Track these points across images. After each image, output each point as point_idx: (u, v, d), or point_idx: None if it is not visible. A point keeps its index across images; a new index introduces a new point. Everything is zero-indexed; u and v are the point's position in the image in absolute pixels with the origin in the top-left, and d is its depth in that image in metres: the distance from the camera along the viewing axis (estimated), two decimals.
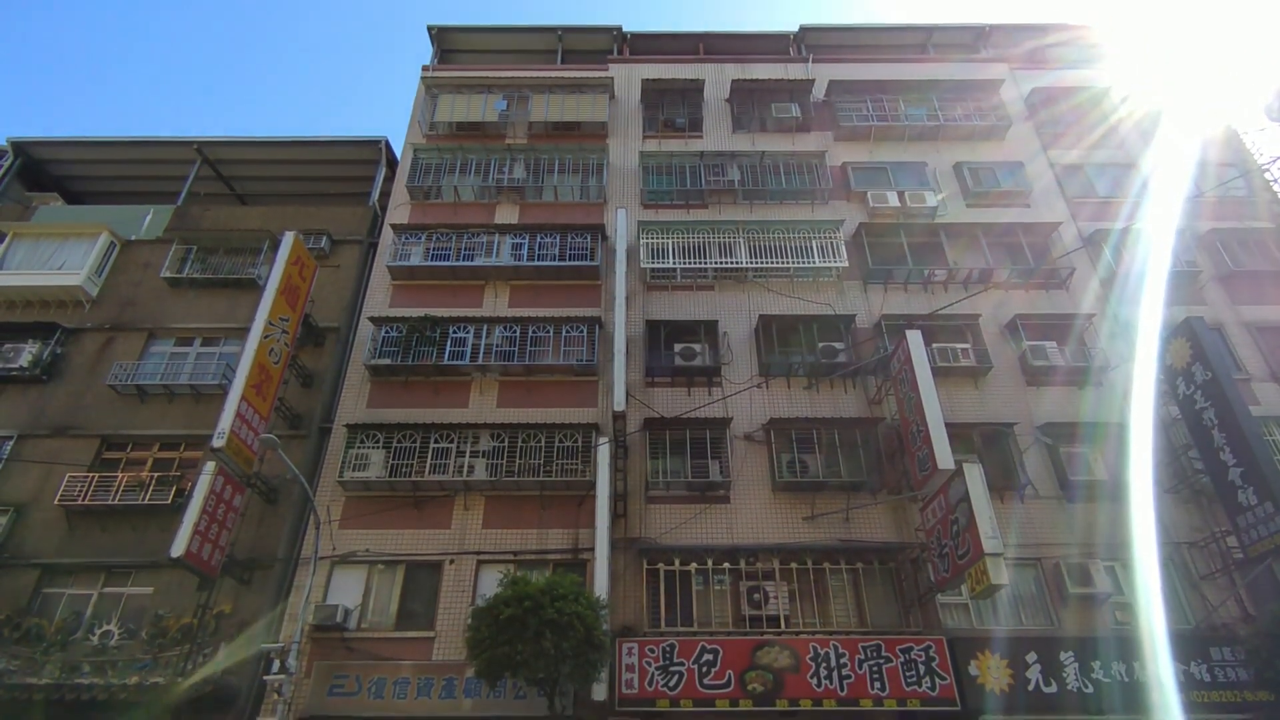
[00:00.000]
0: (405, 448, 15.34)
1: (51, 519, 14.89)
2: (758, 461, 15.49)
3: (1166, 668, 12.70)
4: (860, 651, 12.91)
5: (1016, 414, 16.08)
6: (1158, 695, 12.50)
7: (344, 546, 14.50)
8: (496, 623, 10.80)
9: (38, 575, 14.41)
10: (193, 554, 12.73)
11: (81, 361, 17.03)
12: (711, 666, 12.76)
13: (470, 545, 14.63)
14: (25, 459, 15.57)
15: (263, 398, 14.47)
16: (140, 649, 13.52)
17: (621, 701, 12.47)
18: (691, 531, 14.65)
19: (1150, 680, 12.66)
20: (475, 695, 12.78)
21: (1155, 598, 13.62)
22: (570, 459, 15.19)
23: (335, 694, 12.99)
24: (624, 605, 13.76)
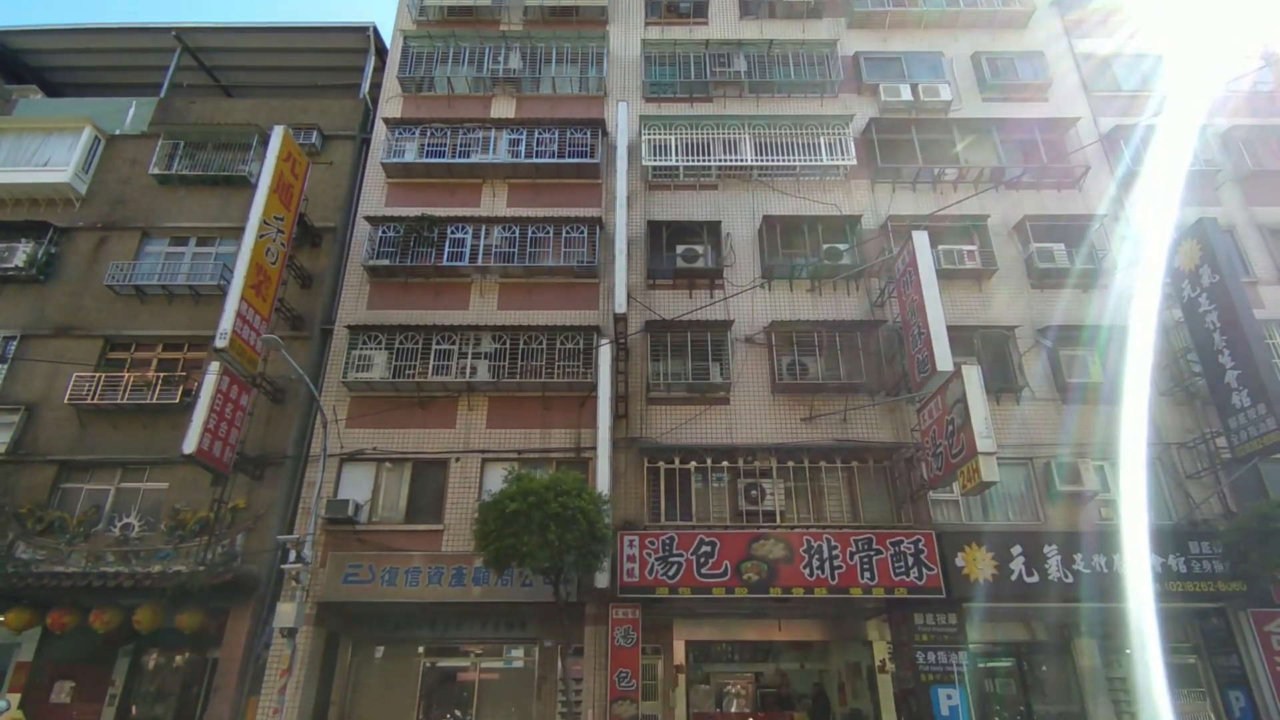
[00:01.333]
0: (407, 349, 15.42)
1: (62, 418, 15.17)
2: (758, 364, 15.59)
3: (1144, 559, 13.25)
4: (852, 544, 13.45)
5: (1018, 317, 16.04)
6: (1133, 584, 13.10)
7: (351, 445, 14.84)
8: (503, 516, 11.19)
9: (55, 471, 14.84)
10: (204, 451, 13.05)
11: (77, 261, 16.86)
12: (709, 558, 13.33)
13: (475, 444, 14.96)
14: (31, 358, 15.70)
15: (262, 298, 14.41)
16: (161, 540, 14.10)
17: (623, 589, 13.11)
18: (691, 431, 14.94)
19: (1126, 571, 13.24)
20: (484, 583, 13.43)
21: (1140, 494, 14.06)
22: (572, 361, 15.29)
23: (350, 582, 13.66)
24: (625, 501, 14.22)
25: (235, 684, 13.19)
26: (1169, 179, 16.92)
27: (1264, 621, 13.42)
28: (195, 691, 15.65)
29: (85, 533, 14.20)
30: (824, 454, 14.72)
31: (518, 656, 16.92)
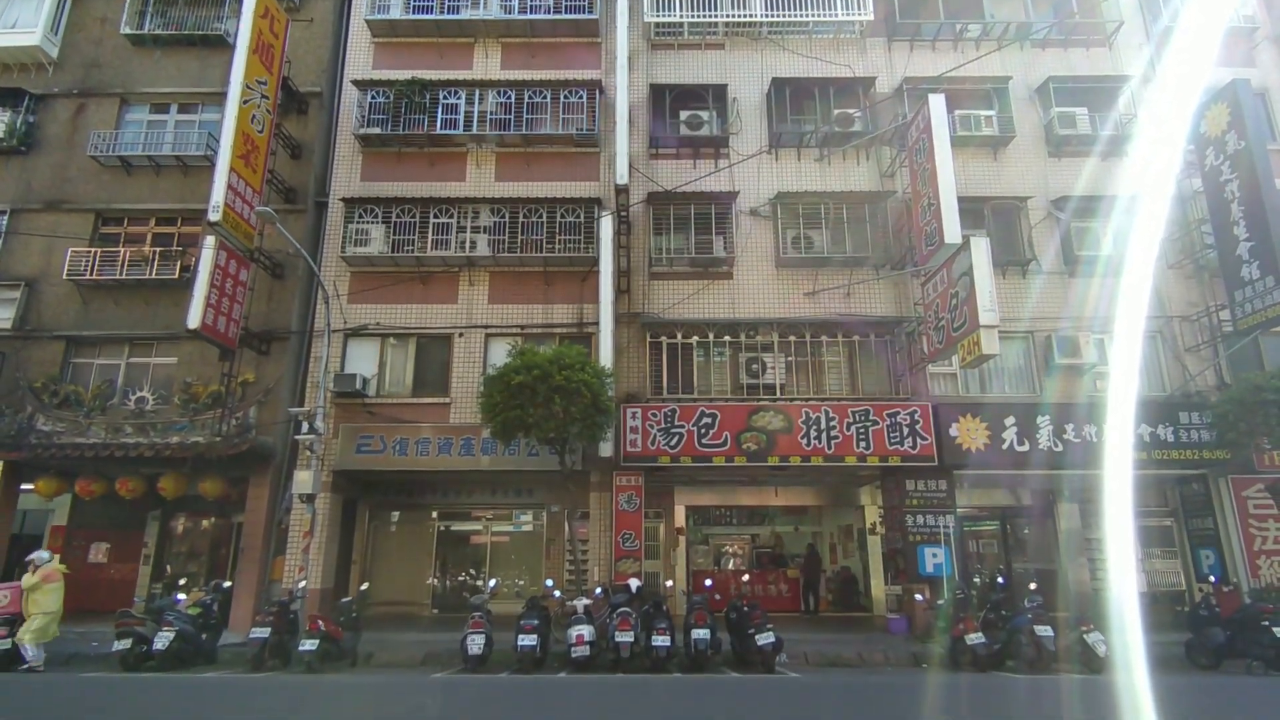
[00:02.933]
0: (405, 222, 15.11)
1: (64, 294, 15.12)
2: (762, 237, 15.31)
3: (1129, 426, 13.57)
4: (849, 416, 13.76)
5: (1032, 187, 15.55)
6: (1115, 451, 13.49)
7: (355, 320, 14.87)
8: (508, 389, 11.39)
9: (63, 346, 14.98)
10: (208, 326, 13.11)
11: (57, 131, 16.19)
12: (710, 428, 13.69)
13: (478, 319, 14.99)
14: (24, 232, 15.44)
15: (252, 169, 13.95)
16: (176, 413, 14.45)
17: (626, 458, 13.57)
18: (694, 306, 14.91)
19: (1112, 439, 13.59)
20: (491, 453, 13.88)
21: (1134, 363, 14.25)
22: (573, 235, 15.00)
23: (362, 452, 14.13)
24: (628, 375, 14.42)
25: (261, 545, 13.96)
26: (1203, 35, 15.83)
27: (1243, 487, 13.96)
28: (224, 552, 16.67)
29: (101, 406, 14.54)
30: (825, 328, 14.76)
31: (526, 521, 17.86)
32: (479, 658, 10.10)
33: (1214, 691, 8.85)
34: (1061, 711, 7.63)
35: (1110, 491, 13.57)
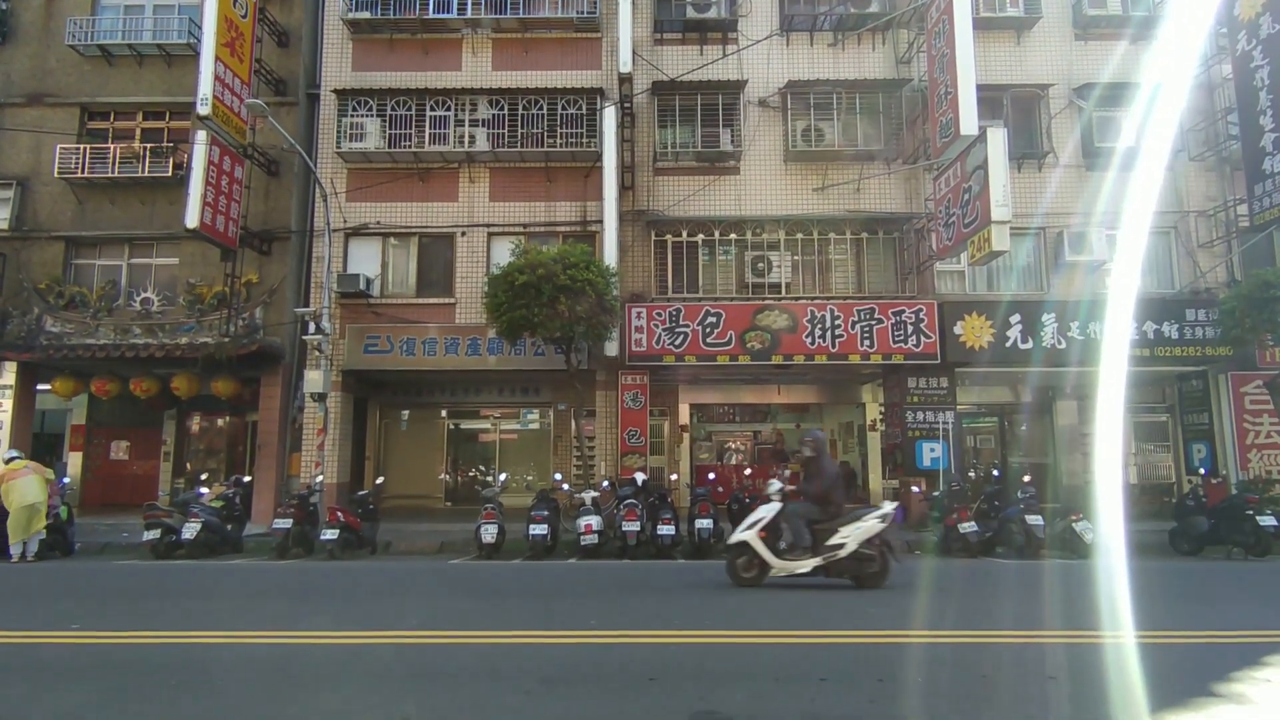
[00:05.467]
0: (401, 115, 14.58)
1: (57, 193, 14.83)
2: (771, 129, 14.79)
3: (1130, 324, 13.57)
4: (854, 314, 13.76)
5: (1055, 74, 14.84)
6: (1116, 348, 13.54)
7: (355, 219, 14.64)
8: (512, 289, 11.36)
9: (63, 247, 14.85)
10: (207, 225, 12.94)
11: (31, 18, 15.37)
12: (714, 328, 13.73)
13: (479, 218, 14.74)
14: (8, 128, 14.96)
15: (238, 58, 13.35)
16: (182, 314, 14.50)
17: (631, 357, 13.69)
18: (699, 203, 14.60)
19: (1114, 336, 13.61)
20: (498, 353, 14.00)
21: (1139, 259, 14.10)
22: (575, 128, 14.49)
23: (370, 352, 14.26)
24: (633, 274, 14.32)
25: (277, 443, 14.34)
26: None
27: (1242, 383, 14.12)
28: (241, 449, 17.17)
29: (108, 307, 14.57)
30: (834, 225, 14.52)
31: (533, 419, 18.25)
32: (492, 545, 10.59)
33: (1190, 574, 9.29)
34: (1042, 589, 8.05)
35: (1108, 387, 13.74)
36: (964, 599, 7.38)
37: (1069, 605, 6.84)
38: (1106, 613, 6.27)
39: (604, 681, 4.41)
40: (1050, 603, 7.23)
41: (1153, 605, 6.43)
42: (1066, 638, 5.40)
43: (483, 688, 4.27)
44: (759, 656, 4.98)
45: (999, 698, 4.15)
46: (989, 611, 6.61)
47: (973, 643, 5.30)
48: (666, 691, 4.15)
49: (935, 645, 5.17)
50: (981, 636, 5.47)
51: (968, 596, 7.53)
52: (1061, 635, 5.50)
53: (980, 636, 5.48)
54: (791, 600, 6.97)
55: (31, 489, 10.08)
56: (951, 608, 6.81)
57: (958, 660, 4.82)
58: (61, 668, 4.81)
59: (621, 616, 6.22)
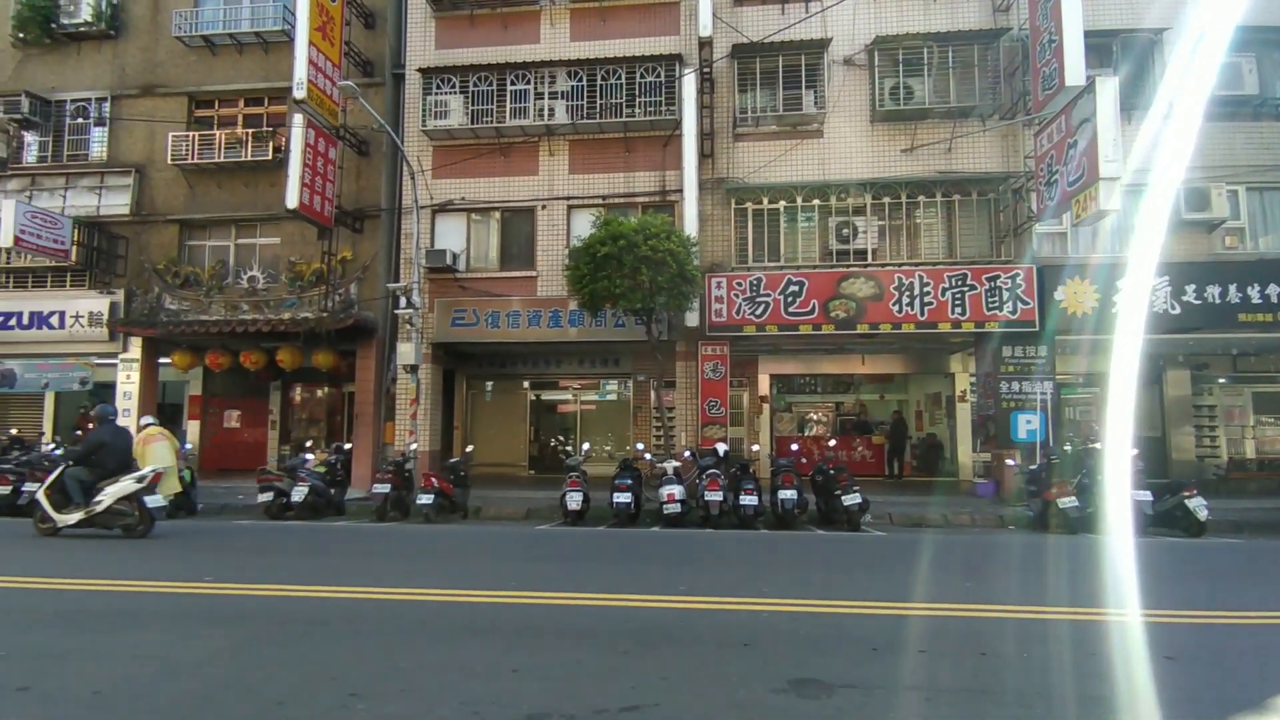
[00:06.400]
0: (482, 91, 14.80)
1: (170, 179, 15.85)
2: (856, 89, 14.23)
3: (1246, 287, 12.51)
4: (945, 280, 13.22)
5: (1172, 15, 13.63)
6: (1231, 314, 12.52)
7: (440, 196, 15.03)
8: (594, 260, 11.46)
9: (177, 230, 15.91)
10: (305, 205, 13.57)
11: (140, 12, 16.35)
12: (796, 296, 13.48)
13: (559, 191, 14.88)
14: (125, 119, 16.05)
15: (330, 42, 13.84)
16: (285, 290, 15.33)
17: (711, 328, 13.62)
18: (781, 169, 14.26)
19: (1230, 299, 12.59)
20: (579, 324, 14.19)
21: (1262, 219, 12.95)
22: (653, 96, 14.36)
23: (457, 325, 14.71)
24: (713, 243, 14.18)
25: (372, 412, 15.07)
26: None
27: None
28: (339, 418, 18.15)
29: (219, 285, 15.56)
30: (923, 188, 13.93)
31: (613, 390, 18.50)
32: (577, 513, 10.86)
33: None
34: (1152, 567, 7.62)
35: (1223, 355, 12.77)
36: (1070, 576, 7.08)
37: (1180, 584, 6.47)
38: (1220, 591, 5.91)
39: (698, 645, 4.47)
40: (1160, 580, 6.85)
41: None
42: (1179, 617, 5.12)
43: (582, 647, 4.41)
44: (853, 626, 4.94)
45: (1113, 676, 3.99)
46: (1096, 589, 6.33)
47: (1084, 620, 5.09)
48: (762, 657, 4.18)
49: (1038, 621, 5.00)
50: (1089, 614, 5.25)
51: (1075, 573, 7.22)
52: (1174, 615, 5.22)
53: (1088, 614, 5.25)
54: (894, 573, 6.87)
55: (163, 453, 10.98)
56: (1055, 584, 6.56)
57: (1069, 637, 4.65)
58: (200, 616, 5.25)
59: (710, 583, 6.29)
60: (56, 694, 3.64)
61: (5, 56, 16.52)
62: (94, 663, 4.14)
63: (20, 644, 4.53)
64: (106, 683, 3.80)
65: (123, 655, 4.30)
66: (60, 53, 16.44)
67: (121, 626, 4.94)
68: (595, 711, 3.33)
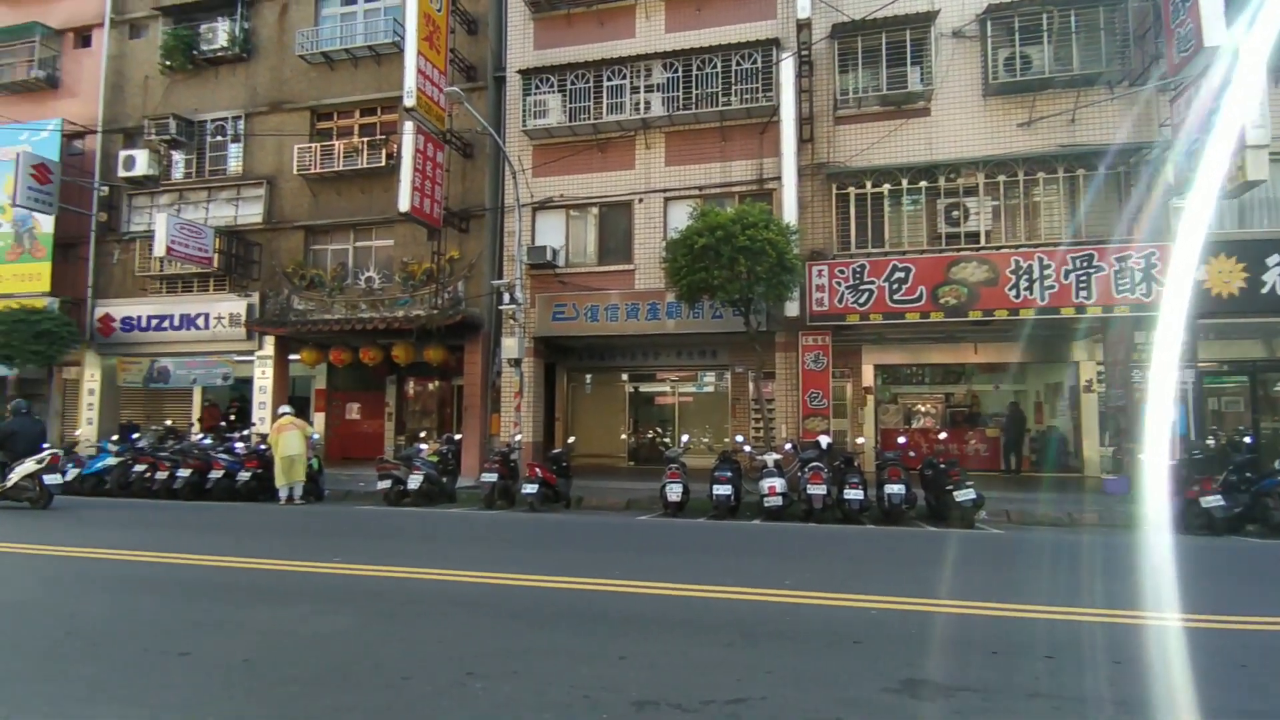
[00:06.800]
0: (579, 89, 15.05)
1: (296, 188, 17.06)
2: (967, 62, 13.49)
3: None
4: (1068, 262, 12.34)
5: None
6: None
7: (540, 193, 15.42)
8: (691, 252, 11.44)
9: (303, 235, 17.12)
10: (416, 208, 14.26)
11: (268, 34, 17.65)
12: (903, 283, 12.95)
13: (656, 184, 14.93)
14: (257, 134, 17.40)
15: (436, 50, 14.45)
16: (398, 290, 16.19)
17: (813, 317, 13.31)
18: (885, 151, 13.72)
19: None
20: (677, 316, 14.21)
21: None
22: (750, 83, 14.15)
23: (558, 319, 15.07)
24: (813, 230, 13.84)
25: (479, 404, 15.70)
26: None
27: None
28: (448, 410, 19.03)
29: (339, 286, 16.63)
30: (1043, 163, 13.03)
31: (710, 381, 18.43)
32: (677, 504, 10.90)
33: None
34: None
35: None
36: (1215, 579, 6.49)
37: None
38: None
39: (805, 640, 4.41)
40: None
41: None
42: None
43: (686, 638, 4.44)
44: (970, 627, 4.72)
45: (1273, 689, 3.62)
46: (1254, 596, 5.76)
47: (1235, 628, 4.65)
48: (872, 655, 4.07)
49: (1180, 630, 4.60)
50: (1238, 623, 4.79)
51: (1221, 577, 6.61)
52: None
53: (1237, 622, 4.79)
54: (1013, 573, 6.52)
55: (294, 442, 11.98)
56: (1204, 588, 6.02)
57: (1216, 647, 4.26)
58: (331, 594, 5.65)
59: (815, 578, 6.17)
60: (213, 660, 4.02)
61: (156, 84, 18.25)
62: (243, 633, 4.55)
63: (182, 614, 5.03)
64: (254, 651, 4.16)
65: (266, 627, 4.70)
66: (201, 77, 18.00)
67: (265, 601, 5.40)
68: (702, 702, 3.34)
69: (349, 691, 3.55)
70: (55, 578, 6.23)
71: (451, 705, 3.38)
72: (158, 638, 4.45)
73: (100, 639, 4.47)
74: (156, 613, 5.12)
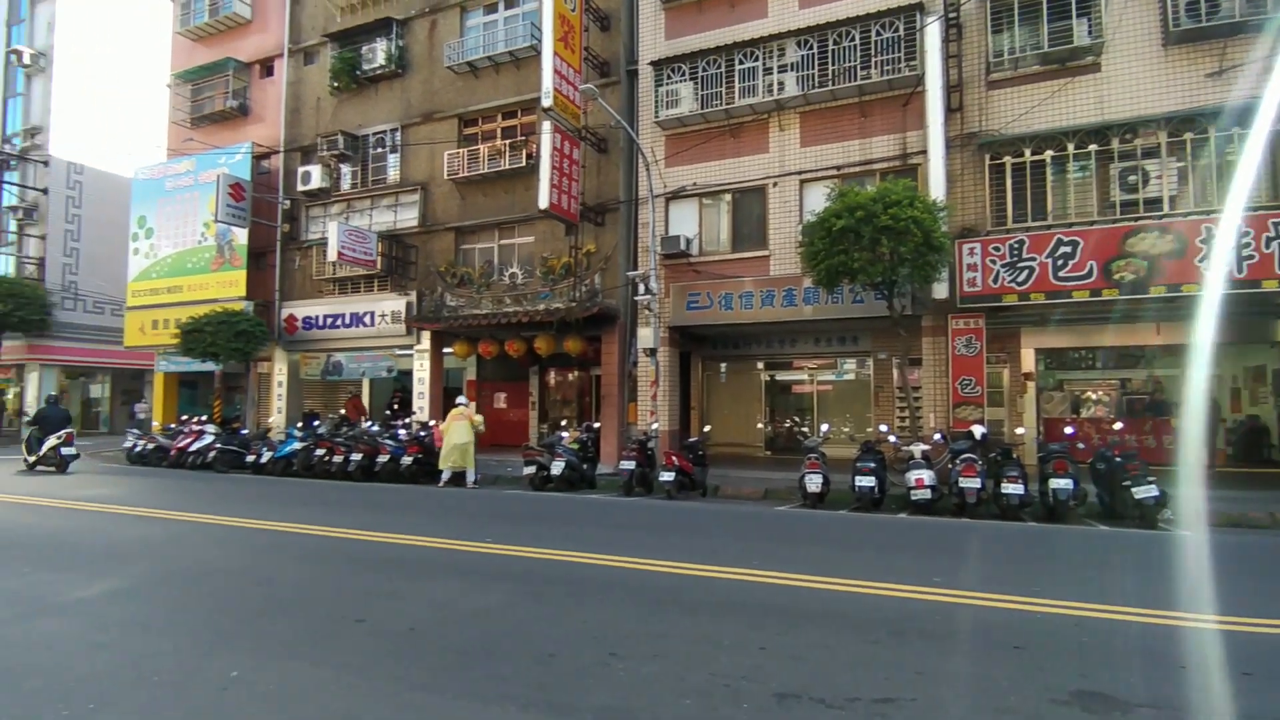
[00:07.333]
0: (711, 75, 14.93)
1: (446, 192, 18.21)
2: (1143, 9, 12.02)
3: None
4: (1270, 229, 10.72)
5: None
6: None
7: (673, 183, 15.47)
8: (829, 234, 11.03)
9: (453, 236, 18.25)
10: (555, 205, 14.78)
11: (419, 50, 18.91)
12: (1069, 259, 11.79)
13: (790, 166, 14.55)
14: (411, 143, 18.74)
15: (571, 50, 14.86)
16: (539, 284, 16.88)
17: (964, 299, 12.45)
18: (1046, 114, 12.55)
19: None
20: (814, 302, 13.79)
21: None
22: (891, 53, 13.41)
23: (692, 308, 15.09)
24: (964, 205, 12.94)
25: (616, 394, 16.06)
26: None
27: None
28: (587, 400, 19.62)
29: (486, 282, 17.59)
30: (1239, 116, 11.38)
31: (850, 369, 17.76)
32: (817, 495, 10.61)
33: None
34: None
35: None
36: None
37: None
38: None
39: (959, 642, 4.16)
40: None
41: None
42: None
43: (829, 632, 4.32)
44: (1153, 638, 4.25)
45: None
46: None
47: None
48: (1037, 662, 3.77)
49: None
50: None
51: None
52: None
53: None
54: (1205, 580, 5.81)
55: (461, 432, 13.08)
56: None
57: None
58: (482, 571, 6.02)
59: (970, 577, 5.80)
60: (383, 627, 4.40)
61: (326, 104, 20.11)
62: (407, 604, 4.95)
63: (357, 584, 5.55)
64: (418, 621, 4.52)
65: (427, 600, 5.08)
66: (363, 95, 19.62)
67: (426, 575, 5.84)
68: (848, 699, 3.25)
69: (500, 663, 3.77)
70: (255, 548, 7.08)
71: (595, 684, 3.50)
72: (337, 605, 4.95)
73: (291, 604, 5.03)
74: (336, 582, 5.69)
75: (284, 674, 3.66)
